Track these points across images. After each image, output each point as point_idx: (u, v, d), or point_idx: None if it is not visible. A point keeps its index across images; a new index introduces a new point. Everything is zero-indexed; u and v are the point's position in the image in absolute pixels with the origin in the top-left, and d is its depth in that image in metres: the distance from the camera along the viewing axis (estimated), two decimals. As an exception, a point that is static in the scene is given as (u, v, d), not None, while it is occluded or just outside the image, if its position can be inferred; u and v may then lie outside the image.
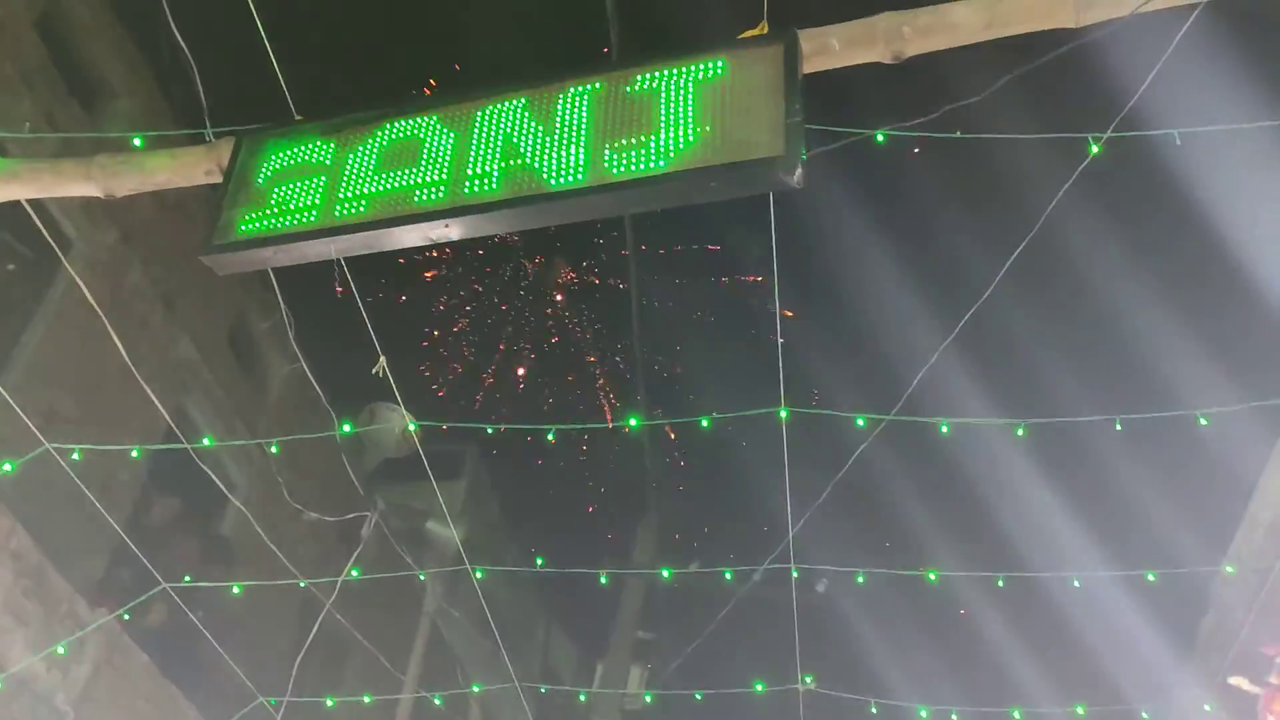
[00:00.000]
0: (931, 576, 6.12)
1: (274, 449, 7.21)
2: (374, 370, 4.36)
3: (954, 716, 6.82)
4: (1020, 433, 4.99)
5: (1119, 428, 4.78)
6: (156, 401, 5.98)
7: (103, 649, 7.78)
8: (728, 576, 6.91)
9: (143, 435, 8.31)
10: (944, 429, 4.91)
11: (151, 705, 8.30)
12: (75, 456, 5.59)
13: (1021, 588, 6.48)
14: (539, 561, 7.03)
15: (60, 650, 6.71)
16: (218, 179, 3.53)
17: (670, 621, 13.63)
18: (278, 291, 5.10)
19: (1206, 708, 6.44)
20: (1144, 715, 6.76)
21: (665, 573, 7.34)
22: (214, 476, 7.65)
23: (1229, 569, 5.87)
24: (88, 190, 3.70)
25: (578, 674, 14.01)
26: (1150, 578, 5.64)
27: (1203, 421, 4.70)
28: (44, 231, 5.18)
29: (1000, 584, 6.09)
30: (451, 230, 3.08)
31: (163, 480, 9.17)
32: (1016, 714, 6.43)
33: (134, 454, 6.41)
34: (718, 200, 3.06)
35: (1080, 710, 6.49)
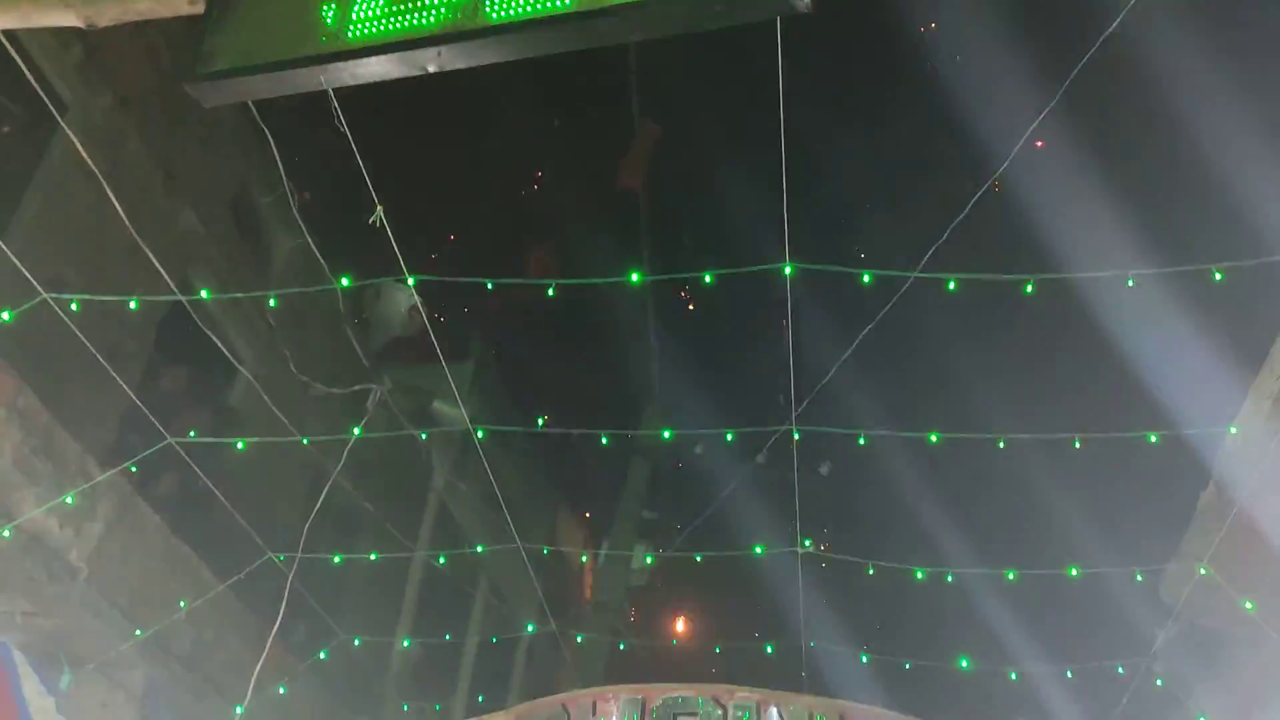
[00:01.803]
0: (933, 438, 6.13)
1: (272, 303, 7.18)
2: (370, 220, 4.28)
3: (949, 578, 6.95)
4: (1029, 289, 4.92)
5: (1131, 284, 4.71)
6: (161, 269, 5.94)
7: (114, 509, 7.90)
8: (729, 438, 6.94)
9: (148, 306, 8.30)
10: (951, 286, 4.84)
11: (164, 563, 8.46)
12: (74, 307, 5.57)
13: (1023, 451, 6.49)
14: (540, 422, 7.07)
15: (69, 500, 6.79)
16: (200, 9, 3.39)
17: (672, 496, 13.84)
18: (278, 161, 5.02)
19: (1201, 571, 6.53)
20: (1138, 577, 6.87)
21: (666, 433, 7.37)
22: (220, 345, 7.69)
23: (1232, 429, 5.86)
24: (67, 19, 3.56)
25: (582, 547, 14.27)
26: (1153, 439, 5.64)
27: (1217, 277, 4.61)
28: (40, 92, 5.06)
29: (1001, 445, 6.12)
30: (444, 59, 2.96)
31: (170, 350, 9.19)
32: (1010, 575, 6.54)
33: (132, 305, 6.39)
34: (723, 27, 2.92)
35: (1073, 572, 6.59)
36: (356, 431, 7.55)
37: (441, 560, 10.60)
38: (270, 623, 8.18)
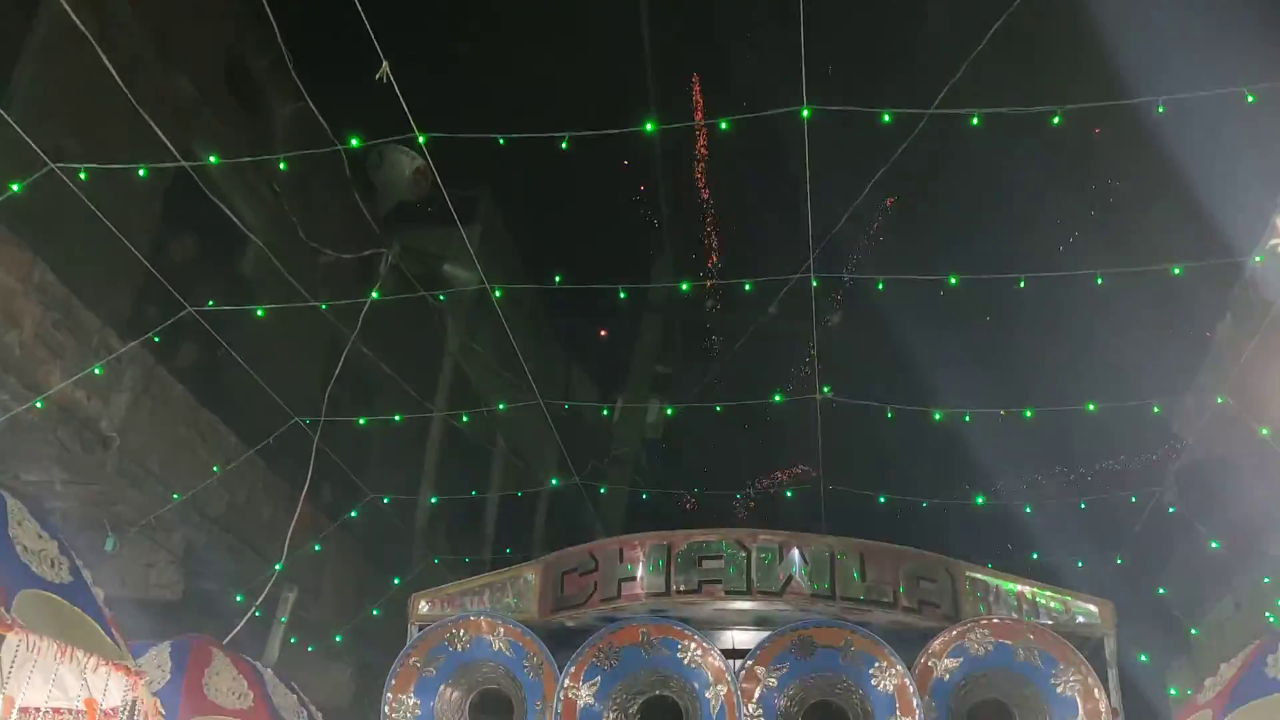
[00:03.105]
0: (952, 281, 6.11)
1: (282, 165, 7.10)
2: (377, 76, 4.19)
3: (966, 418, 7.04)
4: (1056, 121, 4.79)
5: (1160, 110, 4.58)
6: (163, 136, 5.86)
7: (139, 380, 8.02)
8: (747, 288, 6.94)
9: (152, 173, 8.23)
10: (975, 121, 4.73)
11: (191, 430, 8.65)
12: (82, 176, 5.53)
13: (1043, 290, 6.47)
14: (557, 279, 7.05)
15: (97, 370, 6.89)
16: None
17: (690, 348, 13.92)
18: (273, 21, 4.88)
19: (1219, 400, 6.59)
20: (1155, 410, 6.94)
21: (683, 286, 7.36)
22: (229, 213, 7.65)
23: (1257, 258, 5.81)
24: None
25: (601, 402, 14.42)
26: (1176, 271, 5.61)
27: (1250, 99, 4.48)
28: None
29: (1021, 285, 6.09)
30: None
31: (180, 221, 9.15)
32: (1028, 413, 6.61)
33: (140, 173, 6.34)
34: None
35: (1091, 408, 6.66)
36: (374, 295, 7.56)
37: (464, 419, 10.77)
38: (300, 485, 8.40)
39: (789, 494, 8.75)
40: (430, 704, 5.81)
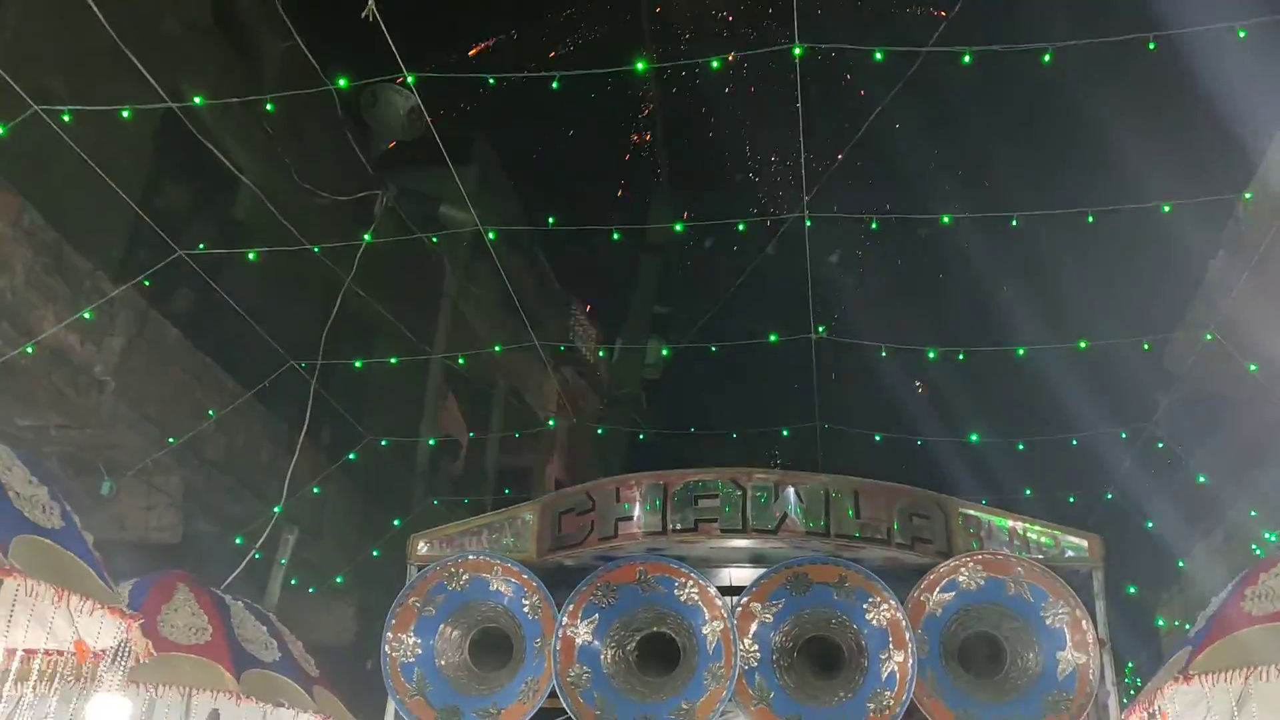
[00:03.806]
0: (945, 220, 6.10)
1: (269, 107, 7.02)
2: (363, 14, 4.14)
3: (960, 357, 7.06)
4: (1046, 59, 4.76)
5: (1152, 48, 4.55)
6: (149, 76, 5.78)
7: (132, 323, 8.00)
8: (741, 229, 6.92)
9: (141, 115, 8.13)
10: (966, 59, 4.69)
11: (187, 374, 8.64)
12: (65, 119, 5.46)
13: (1036, 228, 6.46)
14: (550, 221, 7.00)
15: (87, 315, 6.87)
16: None
17: (686, 289, 13.91)
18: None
19: (1207, 336, 6.62)
20: (1145, 347, 6.98)
21: (677, 227, 7.31)
22: (220, 156, 7.57)
23: (1246, 195, 5.80)
24: None
25: (597, 343, 14.41)
26: (1166, 209, 5.60)
27: (1241, 34, 4.45)
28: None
29: (1014, 223, 6.09)
30: None
31: (170, 164, 9.06)
32: (1020, 351, 6.64)
33: (124, 114, 6.25)
34: None
35: (1083, 345, 6.69)
36: (366, 238, 7.52)
37: (461, 361, 10.77)
38: (298, 428, 8.43)
39: (785, 433, 8.81)
40: (430, 642, 5.90)
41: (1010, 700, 5.45)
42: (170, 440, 7.90)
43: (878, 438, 8.47)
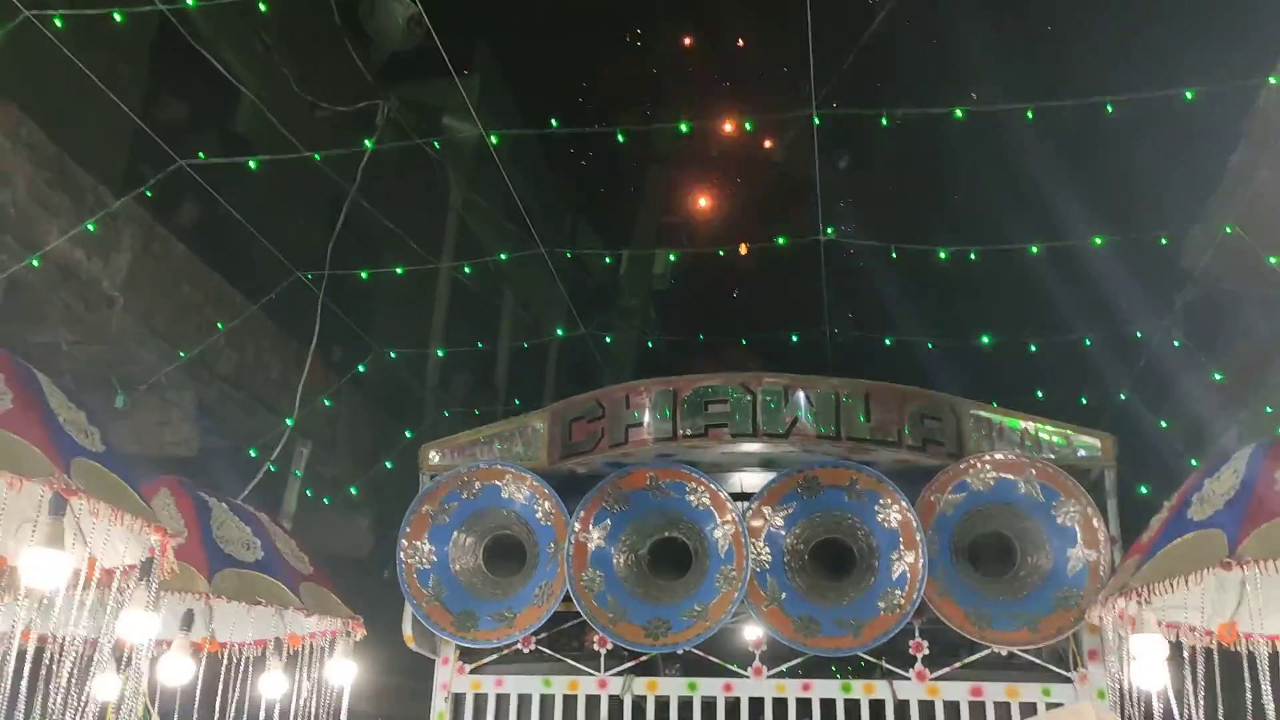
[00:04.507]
0: (958, 114, 5.95)
1: (262, 7, 6.84)
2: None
3: (973, 255, 6.96)
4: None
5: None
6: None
7: (138, 238, 7.96)
8: (748, 127, 6.77)
9: (136, 23, 7.94)
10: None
11: (195, 289, 8.62)
12: (58, 24, 5.33)
13: (1052, 120, 6.29)
14: (553, 123, 6.86)
15: (90, 228, 6.82)
16: None
17: (693, 192, 13.64)
18: None
19: (1227, 229, 6.50)
20: (1162, 241, 6.85)
21: (683, 126, 7.16)
22: (218, 65, 7.43)
23: (1271, 79, 5.62)
24: None
25: (604, 249, 14.24)
26: (1188, 96, 5.44)
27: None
28: None
29: (1030, 116, 5.93)
30: None
31: (168, 74, 8.89)
32: (1034, 249, 6.53)
33: (116, 18, 6.11)
34: None
35: (1098, 241, 6.58)
36: (367, 144, 7.39)
37: (466, 270, 10.69)
38: (307, 342, 8.44)
39: (794, 339, 8.74)
40: (445, 549, 5.96)
41: (1020, 597, 5.49)
42: (180, 355, 7.90)
43: (888, 341, 8.40)
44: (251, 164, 7.25)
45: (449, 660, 5.96)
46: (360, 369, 9.69)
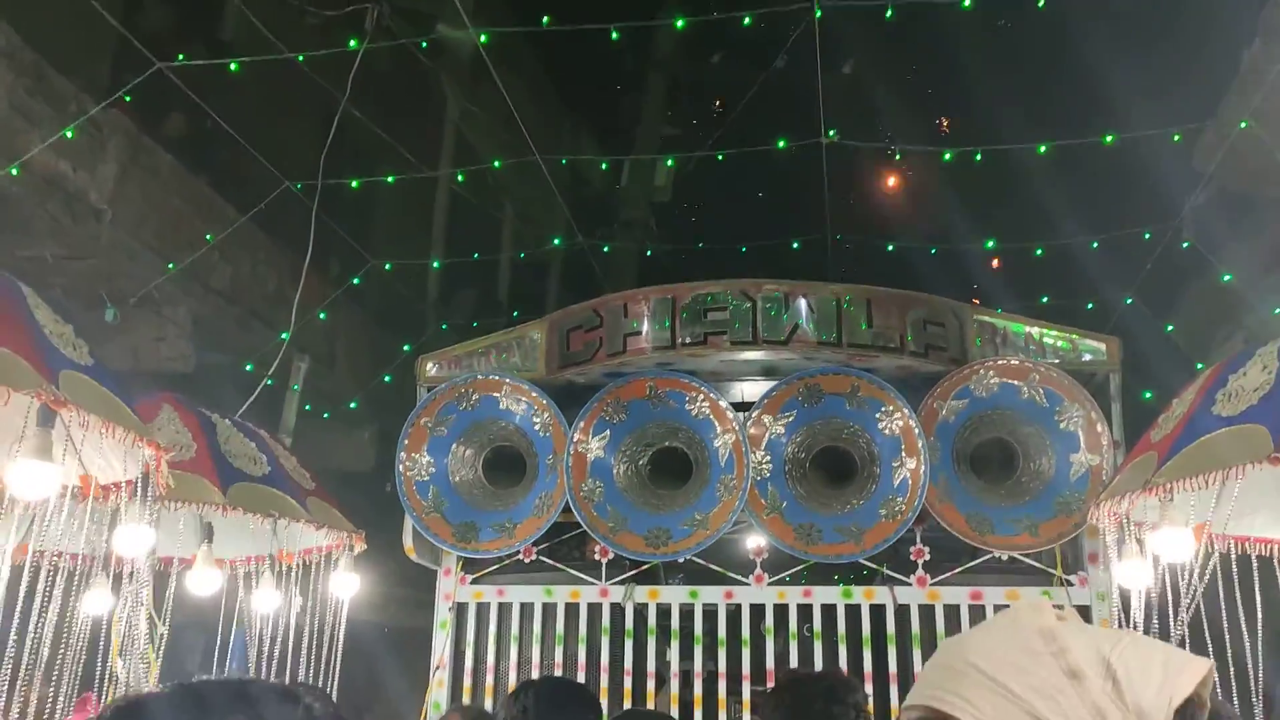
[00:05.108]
0: (965, 4, 5.71)
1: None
2: None
3: (978, 157, 6.78)
4: None
5: None
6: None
7: (124, 149, 7.80)
8: (746, 22, 6.52)
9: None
10: None
11: (185, 201, 8.49)
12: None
13: (1062, 11, 6.06)
14: (545, 20, 6.60)
15: (69, 134, 6.66)
16: None
17: (690, 96, 13.31)
18: None
19: (1242, 125, 6.32)
20: (1175, 138, 6.67)
21: (679, 22, 6.90)
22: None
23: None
24: None
25: (601, 156, 13.95)
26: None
27: None
28: None
29: (1041, 5, 5.71)
30: None
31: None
32: (1042, 148, 6.34)
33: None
34: None
35: (1109, 139, 6.40)
36: (352, 43, 7.16)
37: (460, 178, 10.49)
38: (302, 255, 8.31)
39: (795, 246, 8.58)
40: (444, 461, 5.92)
41: (1022, 503, 5.46)
42: (170, 266, 7.78)
43: (890, 247, 8.25)
44: (233, 66, 7.03)
45: (451, 571, 5.96)
46: (355, 281, 9.58)
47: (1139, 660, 1.11)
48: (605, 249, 10.95)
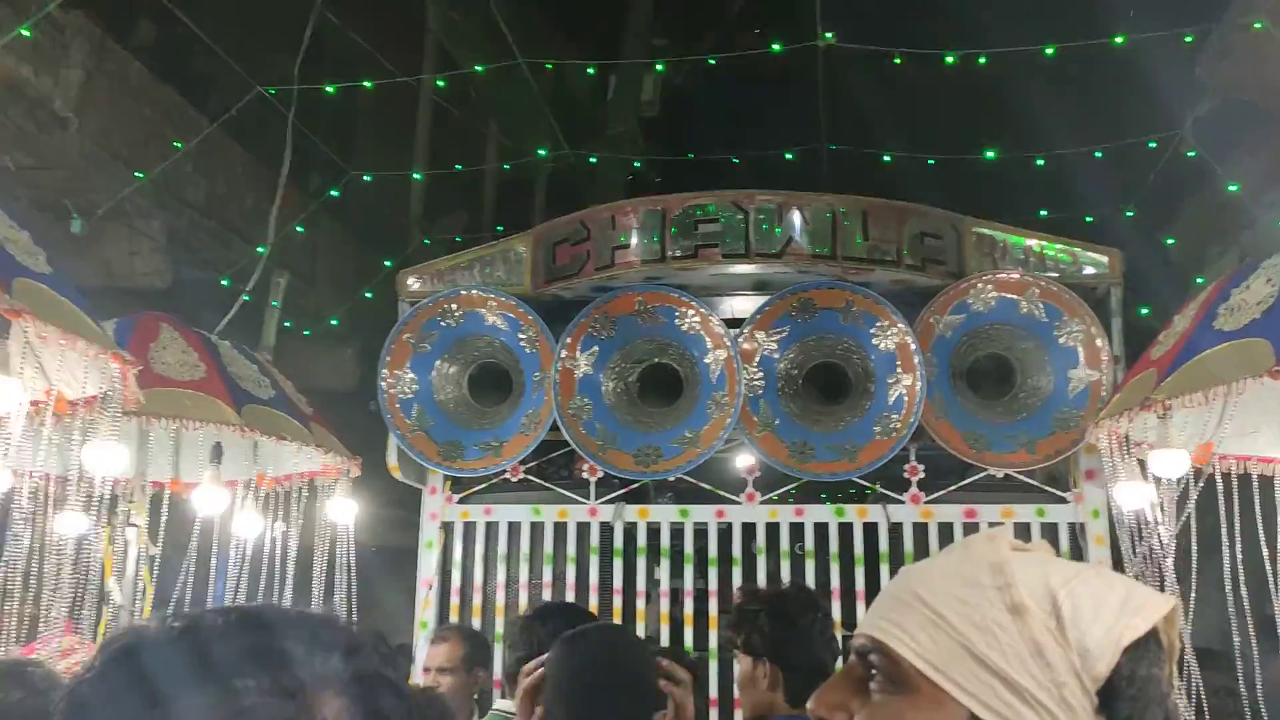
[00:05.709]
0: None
1: None
2: None
3: (982, 60, 6.53)
4: None
5: None
6: None
7: (89, 55, 7.48)
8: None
9: None
10: None
11: (154, 109, 8.19)
12: None
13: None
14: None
15: (25, 32, 6.34)
16: None
17: (687, 8, 12.84)
18: None
19: (1256, 25, 6.07)
20: (1187, 39, 6.43)
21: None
22: None
23: None
24: None
25: (584, 59, 13.45)
26: None
27: None
28: None
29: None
30: None
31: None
32: (1049, 50, 6.10)
33: None
34: None
35: (1119, 40, 6.14)
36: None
37: (440, 84, 10.15)
38: (278, 167, 8.05)
39: (788, 155, 8.33)
40: (428, 378, 5.78)
41: (1019, 419, 5.36)
42: (138, 175, 7.50)
43: (887, 157, 8.00)
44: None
45: (437, 490, 5.85)
46: (334, 193, 9.30)
47: (1091, 597, 1.04)
48: (592, 159, 10.66)
